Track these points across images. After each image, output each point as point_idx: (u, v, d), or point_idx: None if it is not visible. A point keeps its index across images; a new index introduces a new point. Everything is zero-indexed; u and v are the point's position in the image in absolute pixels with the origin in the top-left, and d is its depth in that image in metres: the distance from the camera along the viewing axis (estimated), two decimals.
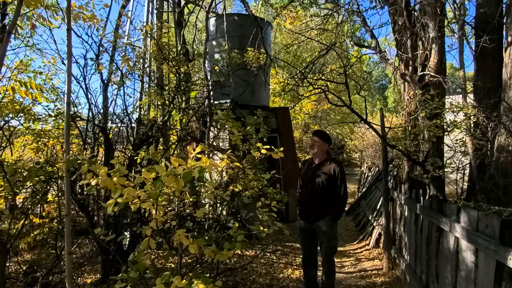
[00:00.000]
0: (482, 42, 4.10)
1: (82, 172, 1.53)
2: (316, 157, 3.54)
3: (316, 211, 3.36)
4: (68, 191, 1.84)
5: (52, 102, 4.54)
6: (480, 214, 2.20)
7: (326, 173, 3.38)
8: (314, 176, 3.45)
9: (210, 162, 1.37)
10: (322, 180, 3.37)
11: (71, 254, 1.93)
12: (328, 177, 3.37)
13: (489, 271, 2.07)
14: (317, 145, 3.49)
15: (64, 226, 2.21)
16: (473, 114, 3.99)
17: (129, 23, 4.96)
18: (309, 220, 3.43)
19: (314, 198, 3.39)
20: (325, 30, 6.51)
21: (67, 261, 1.83)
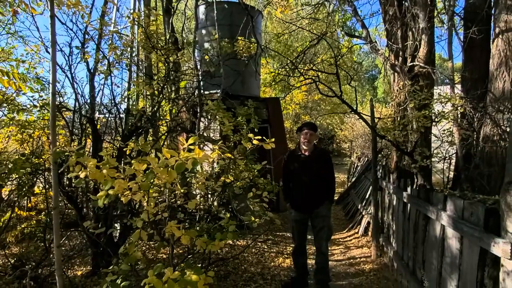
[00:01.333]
0: (471, 33, 4.15)
1: (70, 164, 1.49)
2: (306, 148, 3.55)
3: (315, 200, 3.47)
4: (55, 184, 1.80)
5: (36, 92, 4.40)
6: (465, 202, 2.26)
7: (320, 164, 3.49)
8: (308, 167, 3.50)
9: (203, 153, 1.36)
10: (317, 171, 3.46)
11: (60, 247, 1.90)
12: (322, 167, 3.50)
13: (473, 258, 2.14)
14: (311, 138, 3.53)
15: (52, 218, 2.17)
16: (461, 104, 4.06)
17: (116, 10, 4.81)
18: (307, 211, 3.51)
19: (311, 189, 3.46)
20: (316, 19, 6.46)
21: (56, 254, 1.80)
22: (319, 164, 3.50)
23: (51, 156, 1.69)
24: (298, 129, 3.67)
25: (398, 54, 4.94)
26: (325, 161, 3.55)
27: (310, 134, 3.51)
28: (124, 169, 1.63)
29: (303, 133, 3.55)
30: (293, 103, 11.26)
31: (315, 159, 3.51)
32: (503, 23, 4.15)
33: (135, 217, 1.95)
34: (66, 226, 4.03)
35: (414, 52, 4.75)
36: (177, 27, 9.38)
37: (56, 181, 1.81)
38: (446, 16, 4.95)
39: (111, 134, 4.54)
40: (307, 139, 3.52)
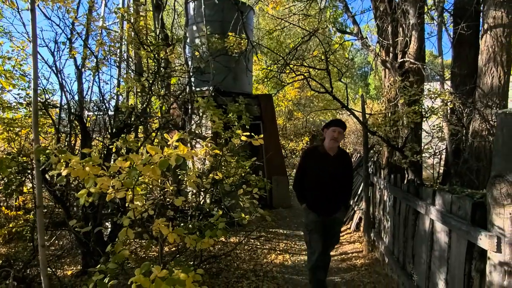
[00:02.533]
0: (460, 29, 4.18)
1: (52, 162, 1.46)
2: (332, 148, 3.16)
3: (335, 204, 3.20)
4: (39, 182, 1.76)
5: (23, 89, 4.31)
6: (453, 197, 2.28)
7: (343, 167, 3.20)
8: (332, 169, 3.15)
9: (188, 149, 1.34)
10: (341, 174, 3.17)
11: (45, 247, 1.87)
12: (344, 170, 3.21)
13: (461, 251, 2.17)
14: (340, 137, 3.14)
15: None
16: (450, 100, 4.10)
17: (104, 5, 4.72)
18: (328, 214, 3.18)
19: (333, 192, 3.17)
20: (308, 15, 6.44)
21: (41, 253, 1.76)
22: (341, 166, 3.19)
23: (34, 153, 1.65)
24: (325, 126, 3.26)
25: (388, 50, 4.96)
26: (347, 165, 3.26)
27: (338, 132, 3.10)
28: (107, 167, 1.60)
29: (330, 131, 3.13)
30: (285, 100, 11.25)
31: (338, 161, 3.18)
32: (491, 19, 4.19)
33: (125, 215, 1.92)
34: (56, 225, 3.97)
35: (404, 48, 4.78)
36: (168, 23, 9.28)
37: (40, 179, 1.77)
38: (436, 12, 4.98)
39: (101, 131, 4.48)
40: (335, 138, 3.11)
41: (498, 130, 1.84)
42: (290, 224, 6.40)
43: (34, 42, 1.66)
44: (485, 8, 4.26)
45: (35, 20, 1.68)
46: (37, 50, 1.68)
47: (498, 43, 4.17)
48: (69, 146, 3.42)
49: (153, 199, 2.46)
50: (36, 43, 1.68)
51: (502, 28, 4.18)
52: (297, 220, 6.74)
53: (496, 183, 1.79)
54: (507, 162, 1.76)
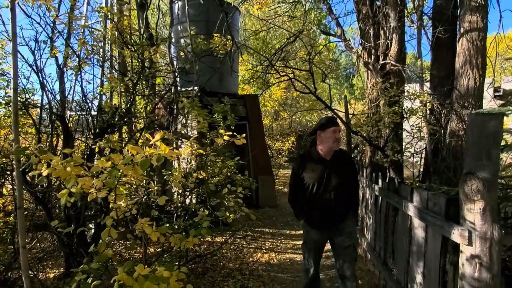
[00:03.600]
0: (437, 32, 4.33)
1: (33, 162, 1.44)
2: (330, 151, 2.78)
3: (339, 214, 2.80)
4: (19, 183, 1.74)
5: (2, 88, 4.20)
6: (429, 194, 2.38)
7: (344, 169, 2.82)
8: (331, 175, 2.76)
9: (170, 149, 1.36)
10: (343, 179, 2.78)
11: (26, 248, 1.84)
12: (347, 173, 2.83)
13: (436, 245, 2.27)
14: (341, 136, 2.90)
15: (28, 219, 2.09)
16: (428, 101, 4.25)
17: (87, 4, 4.65)
18: (330, 227, 2.81)
19: (336, 201, 2.75)
20: (293, 17, 6.52)
21: (22, 255, 1.74)
22: (343, 170, 2.80)
23: (14, 154, 1.63)
24: (320, 128, 2.80)
25: (371, 52, 5.09)
26: (348, 166, 2.85)
27: (339, 131, 2.77)
28: (89, 167, 1.60)
29: (330, 132, 2.73)
30: (272, 100, 11.34)
31: (338, 164, 2.79)
32: (467, 23, 4.37)
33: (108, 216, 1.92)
34: (37, 227, 3.89)
35: (385, 50, 4.92)
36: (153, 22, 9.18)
37: (20, 180, 1.75)
38: (415, 16, 5.14)
39: (83, 132, 4.41)
40: (338, 139, 2.75)
41: (469, 130, 1.94)
42: (276, 223, 6.47)
43: (14, 41, 1.64)
44: (461, 13, 4.45)
45: (15, 18, 1.66)
46: (17, 49, 1.65)
47: (474, 47, 4.36)
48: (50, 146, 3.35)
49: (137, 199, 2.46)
50: (16, 42, 1.66)
51: (477, 32, 4.37)
52: (283, 219, 6.81)
53: (467, 180, 1.88)
54: (476, 160, 1.86)
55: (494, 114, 1.85)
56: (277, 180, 10.74)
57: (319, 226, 2.81)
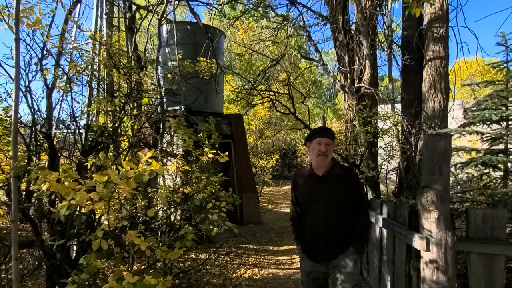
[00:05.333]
0: (404, 60, 4.76)
1: (32, 178, 1.58)
2: (320, 166, 2.34)
3: (333, 245, 2.31)
4: (15, 198, 1.84)
5: None
6: (395, 206, 2.63)
7: (340, 188, 2.30)
8: (324, 193, 2.31)
9: (160, 165, 1.53)
10: (336, 197, 2.29)
11: (18, 260, 1.92)
12: (342, 192, 2.30)
13: (402, 253, 2.49)
14: (330, 150, 2.32)
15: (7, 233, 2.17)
16: (399, 122, 4.61)
17: (76, 28, 4.85)
18: (323, 259, 2.34)
19: (328, 227, 2.29)
20: (275, 42, 6.93)
21: (14, 267, 1.82)
22: (336, 187, 2.29)
23: (12, 170, 1.75)
24: (307, 139, 2.43)
25: (346, 76, 5.48)
26: (349, 184, 2.31)
27: (326, 144, 2.29)
28: (85, 182, 1.74)
29: (314, 144, 2.33)
30: (256, 119, 11.66)
31: (331, 180, 2.32)
32: (431, 52, 4.84)
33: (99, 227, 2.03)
34: (20, 245, 3.86)
35: (360, 74, 5.32)
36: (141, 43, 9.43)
37: (16, 195, 1.85)
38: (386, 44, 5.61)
39: (69, 150, 4.48)
40: (323, 153, 2.28)
41: (424, 149, 2.22)
42: (260, 240, 6.57)
43: (17, 70, 1.80)
44: (426, 43, 4.92)
45: (19, 49, 1.83)
46: (19, 76, 1.81)
47: (437, 73, 4.81)
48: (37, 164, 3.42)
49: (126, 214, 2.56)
50: (19, 71, 1.82)
51: (440, 60, 4.83)
52: (266, 235, 6.92)
53: (424, 192, 2.14)
54: (431, 175, 2.13)
55: (443, 135, 2.14)
56: (261, 198, 10.87)
57: (310, 255, 2.38)
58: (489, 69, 17.13)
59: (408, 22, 5.14)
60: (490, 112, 3.06)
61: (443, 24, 4.69)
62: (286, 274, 4.71)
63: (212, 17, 7.87)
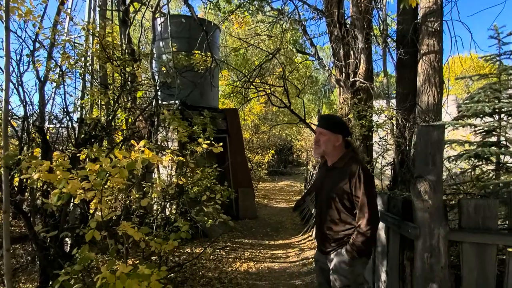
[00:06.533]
0: (399, 54, 4.77)
1: (23, 167, 1.55)
2: (327, 157, 2.31)
3: (328, 238, 2.23)
4: (6, 188, 1.81)
5: None
6: (389, 197, 2.65)
7: (338, 180, 2.16)
8: (326, 185, 2.30)
9: (153, 154, 1.52)
10: (333, 192, 2.17)
11: (9, 251, 1.90)
12: (341, 188, 2.14)
13: (395, 243, 2.51)
14: (323, 140, 2.23)
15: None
16: (393, 116, 4.63)
17: (69, 19, 4.78)
18: (321, 251, 2.33)
19: (324, 218, 2.25)
20: (271, 36, 6.90)
21: (6, 258, 1.80)
22: (335, 181, 2.18)
23: (3, 160, 1.72)
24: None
25: (342, 71, 5.48)
26: (348, 180, 2.10)
27: (318, 133, 2.26)
28: (77, 173, 1.72)
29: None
30: (251, 114, 11.64)
31: (334, 173, 2.23)
32: (425, 46, 4.85)
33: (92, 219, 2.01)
34: (12, 241, 3.82)
35: (355, 69, 5.32)
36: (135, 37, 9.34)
37: (7, 185, 1.83)
38: (381, 38, 5.62)
39: (62, 143, 4.44)
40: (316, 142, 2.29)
41: (418, 140, 2.23)
42: (256, 234, 6.59)
43: (7, 58, 1.77)
44: (420, 37, 4.93)
45: (9, 37, 1.79)
46: (10, 64, 1.78)
47: (431, 67, 4.83)
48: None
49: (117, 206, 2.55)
50: (9, 59, 1.79)
51: (434, 54, 4.85)
52: (262, 230, 6.94)
53: (417, 182, 2.15)
54: (424, 165, 2.14)
55: (437, 126, 2.15)
56: (257, 193, 10.89)
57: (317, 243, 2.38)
58: (483, 65, 17.29)
59: (403, 16, 5.14)
60: (483, 105, 3.08)
61: (437, 18, 4.70)
62: (281, 267, 4.74)
63: (207, 11, 7.81)
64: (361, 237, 2.03)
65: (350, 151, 2.26)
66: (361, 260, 2.13)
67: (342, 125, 2.29)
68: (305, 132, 13.77)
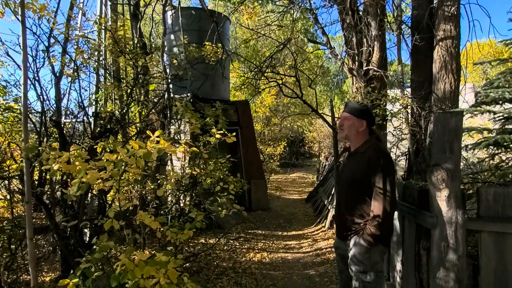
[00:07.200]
0: (414, 40, 4.63)
1: (44, 158, 1.60)
2: (350, 142, 2.31)
3: (345, 224, 2.23)
4: (28, 179, 1.88)
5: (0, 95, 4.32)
6: (404, 186, 2.61)
7: (357, 166, 2.17)
8: (346, 171, 2.36)
9: (168, 144, 1.54)
10: (352, 178, 2.20)
11: (33, 240, 1.98)
12: (358, 173, 2.13)
13: (411, 233, 2.48)
14: (347, 124, 2.22)
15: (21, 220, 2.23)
16: (408, 104, 4.53)
17: (82, 14, 4.83)
18: (339, 237, 2.34)
19: (342, 204, 2.29)
20: (281, 26, 6.81)
21: (30, 247, 1.88)
22: (355, 168, 2.18)
23: (23, 151, 1.78)
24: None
25: (355, 59, 5.37)
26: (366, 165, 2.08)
27: (343, 118, 2.25)
28: (95, 164, 1.77)
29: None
30: (263, 106, 11.61)
31: (355, 159, 2.23)
32: (442, 32, 4.69)
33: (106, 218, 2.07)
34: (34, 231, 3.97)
35: (368, 57, 5.21)
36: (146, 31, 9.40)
37: (29, 175, 1.90)
38: (395, 24, 5.46)
39: (79, 137, 4.54)
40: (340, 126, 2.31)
41: (434, 127, 2.18)
42: (269, 225, 6.64)
43: (24, 51, 1.82)
44: (436, 22, 4.77)
45: (25, 31, 1.84)
46: (27, 59, 1.83)
47: (448, 54, 4.67)
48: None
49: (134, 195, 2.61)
50: (26, 52, 1.83)
51: (451, 40, 4.68)
52: (275, 221, 6.98)
53: (434, 170, 2.11)
54: (441, 153, 2.09)
55: (455, 112, 2.09)
56: (269, 185, 10.92)
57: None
58: (501, 51, 16.61)
59: (417, 1, 4.97)
60: (503, 90, 2.97)
61: (455, 1, 4.52)
62: (295, 258, 4.77)
63: (217, 2, 7.75)
64: (377, 223, 2.01)
65: (373, 138, 2.23)
66: (378, 248, 2.11)
67: (367, 112, 2.26)
68: (317, 123, 13.65)
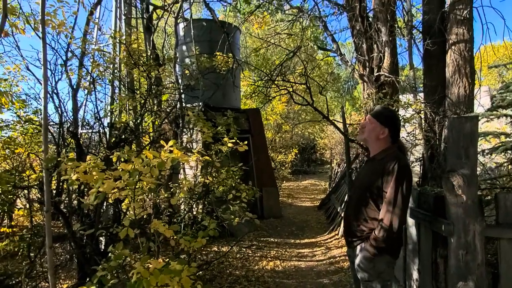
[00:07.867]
0: (426, 45, 4.59)
1: (62, 169, 1.67)
2: (369, 146, 2.25)
3: (352, 230, 2.17)
4: (47, 189, 1.95)
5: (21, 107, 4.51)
6: (419, 192, 2.56)
7: (371, 174, 2.10)
8: (361, 177, 2.35)
9: (181, 153, 1.58)
10: (363, 185, 2.17)
11: (52, 248, 2.04)
12: (370, 182, 2.08)
13: (428, 240, 2.43)
14: (368, 128, 2.16)
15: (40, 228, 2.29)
16: (422, 109, 4.46)
17: (97, 29, 5.02)
18: (346, 242, 2.30)
19: (350, 210, 2.23)
20: (291, 34, 6.87)
21: (49, 255, 1.94)
22: (370, 175, 2.11)
23: (43, 162, 1.85)
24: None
25: (365, 65, 5.36)
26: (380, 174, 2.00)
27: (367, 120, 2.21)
28: (111, 174, 1.82)
29: None
30: (274, 114, 11.64)
31: (372, 166, 2.17)
32: (454, 36, 4.63)
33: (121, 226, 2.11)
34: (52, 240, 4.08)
35: (379, 63, 5.18)
36: (158, 43, 9.64)
37: (48, 185, 1.97)
38: (406, 30, 5.43)
39: (95, 148, 4.67)
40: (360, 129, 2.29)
41: (449, 132, 2.14)
42: (281, 233, 6.59)
43: (45, 66, 1.91)
44: (449, 26, 4.72)
45: (45, 48, 1.93)
46: (47, 74, 1.92)
47: (461, 57, 4.60)
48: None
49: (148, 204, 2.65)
50: (46, 67, 1.92)
51: (464, 43, 4.62)
52: (287, 229, 6.93)
53: (450, 176, 2.07)
54: (457, 158, 2.05)
55: (469, 117, 2.06)
56: (281, 192, 10.87)
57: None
58: None
59: (428, 5, 4.94)
60: None
61: (467, 5, 4.48)
62: (308, 266, 4.71)
63: (227, 13, 7.90)
64: (382, 234, 1.93)
65: (394, 147, 2.13)
66: (383, 258, 2.00)
67: (393, 120, 2.17)
68: (328, 129, 13.58)
